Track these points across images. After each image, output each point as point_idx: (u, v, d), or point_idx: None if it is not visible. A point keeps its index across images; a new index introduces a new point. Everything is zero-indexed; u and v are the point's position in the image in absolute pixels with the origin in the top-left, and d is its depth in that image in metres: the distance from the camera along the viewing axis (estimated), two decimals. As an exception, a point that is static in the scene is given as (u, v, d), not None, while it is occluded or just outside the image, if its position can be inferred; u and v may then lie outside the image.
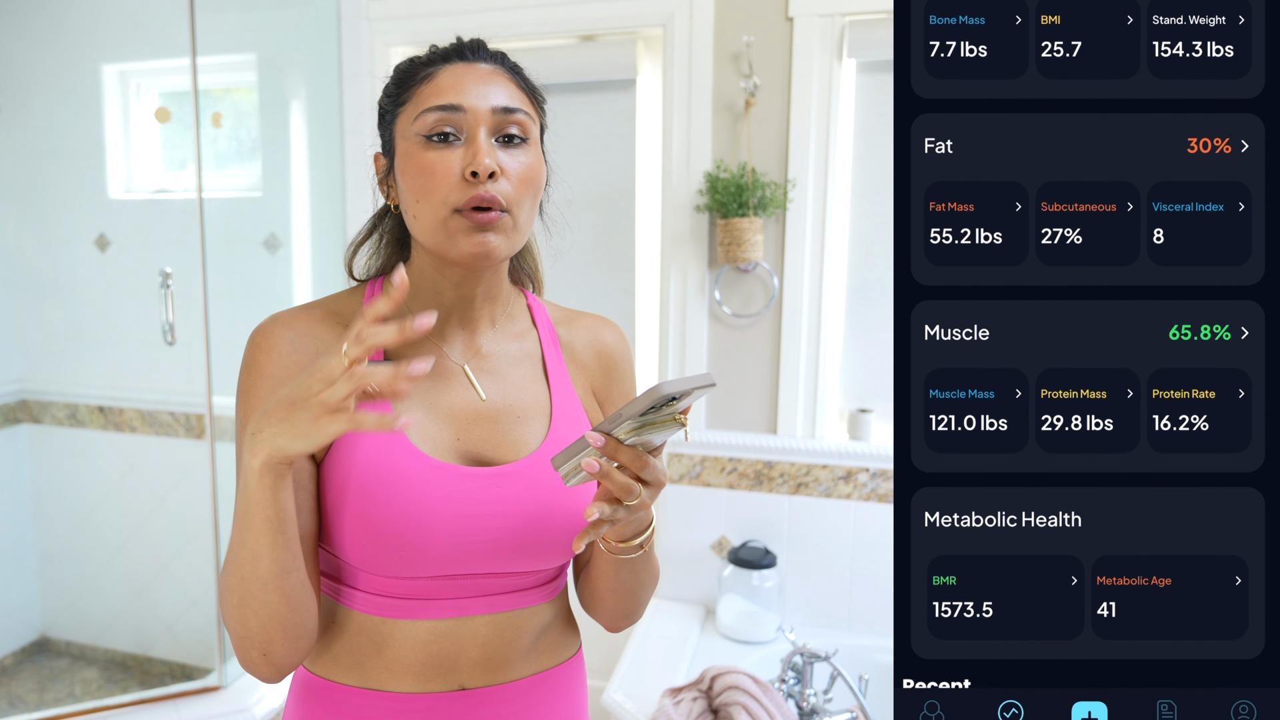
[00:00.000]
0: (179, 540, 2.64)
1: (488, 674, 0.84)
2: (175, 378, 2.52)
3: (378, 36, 2.34)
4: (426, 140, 0.79)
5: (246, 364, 0.82)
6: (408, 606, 0.82)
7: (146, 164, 2.62)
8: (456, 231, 0.78)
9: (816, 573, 2.15)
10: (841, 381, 2.19)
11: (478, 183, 0.77)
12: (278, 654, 0.76)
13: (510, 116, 0.80)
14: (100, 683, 2.68)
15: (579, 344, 0.94)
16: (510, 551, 0.82)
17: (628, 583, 0.87)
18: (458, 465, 0.82)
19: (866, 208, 2.12)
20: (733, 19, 2.08)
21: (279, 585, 0.73)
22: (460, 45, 0.84)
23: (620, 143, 2.25)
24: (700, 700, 1.67)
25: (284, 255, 2.49)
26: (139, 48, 2.54)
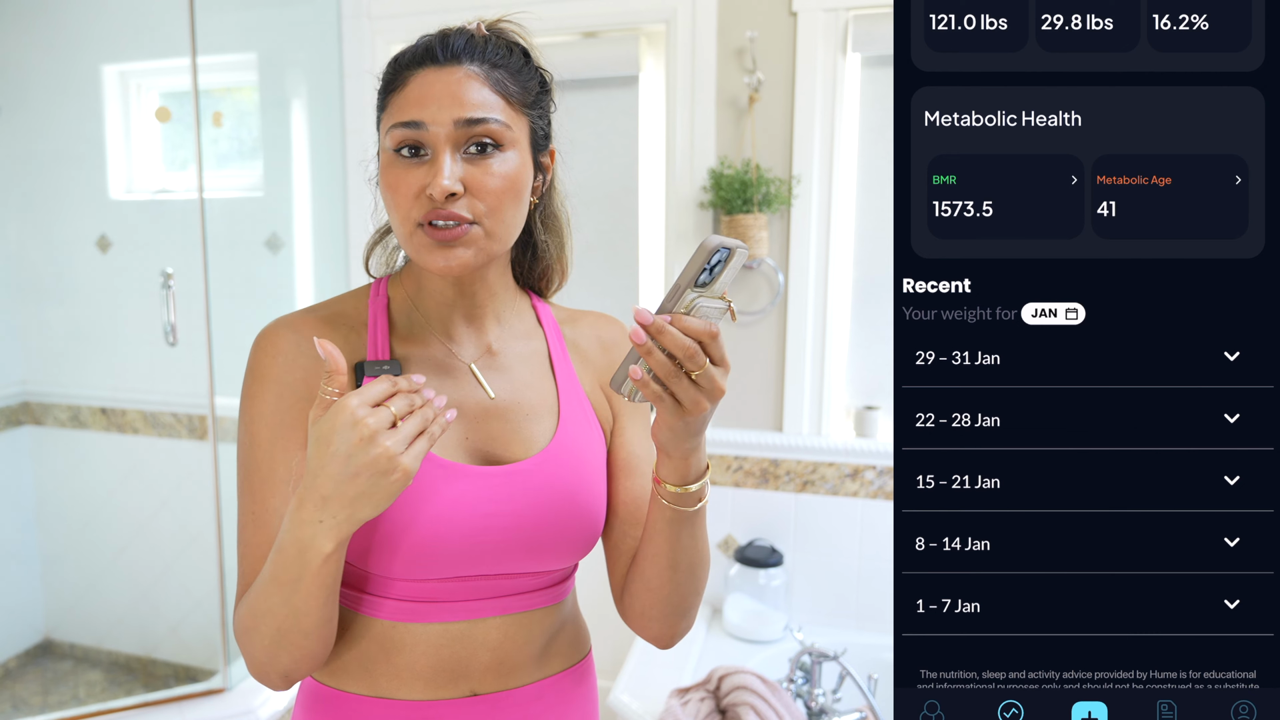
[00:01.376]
0: (182, 542, 2.63)
1: (499, 679, 0.83)
2: (177, 379, 2.51)
3: (379, 35, 2.33)
4: (395, 155, 0.78)
5: (252, 368, 0.81)
6: (418, 610, 0.80)
7: (147, 164, 2.62)
8: (421, 247, 0.77)
9: (823, 571, 2.14)
10: (848, 378, 2.18)
11: (432, 202, 0.76)
12: (301, 673, 0.78)
13: (476, 128, 0.76)
14: (104, 685, 2.67)
15: (583, 341, 0.94)
16: (522, 551, 0.81)
17: (690, 555, 0.82)
18: (468, 465, 0.81)
19: (871, 203, 2.11)
20: (736, 14, 2.07)
21: (321, 634, 0.75)
22: (434, 44, 0.80)
23: (624, 139, 2.24)
24: (708, 701, 1.66)
25: (286, 255, 2.48)
26: (139, 48, 2.53)
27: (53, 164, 2.61)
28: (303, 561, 0.70)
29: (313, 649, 0.76)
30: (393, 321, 0.86)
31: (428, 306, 0.86)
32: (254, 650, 0.76)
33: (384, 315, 0.85)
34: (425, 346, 0.85)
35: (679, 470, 0.77)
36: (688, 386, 0.68)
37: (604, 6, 2.15)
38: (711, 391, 0.69)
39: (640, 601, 0.87)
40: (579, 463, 0.85)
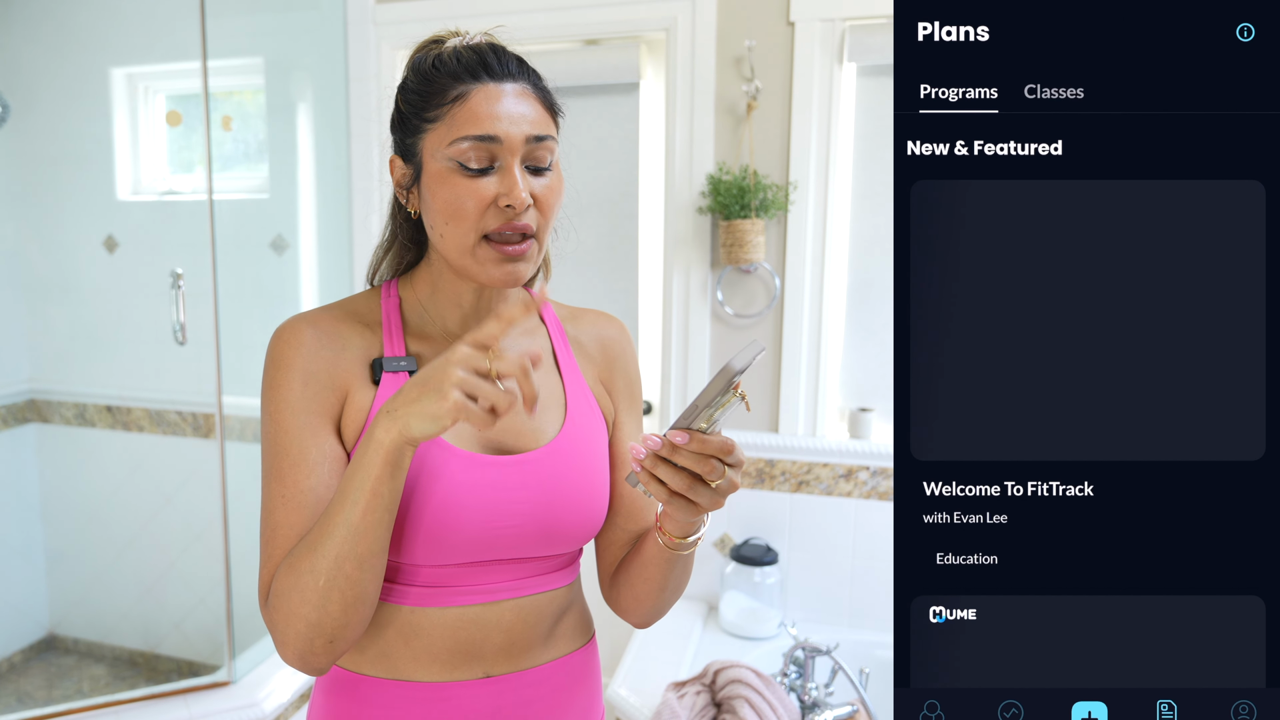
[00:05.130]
0: (187, 538, 2.66)
1: (511, 660, 0.87)
2: (183, 378, 2.55)
3: (384, 40, 2.36)
4: (461, 167, 0.80)
5: (274, 359, 0.84)
6: (435, 594, 0.84)
7: (154, 166, 2.65)
8: (486, 260, 0.81)
9: (818, 569, 2.18)
10: (842, 381, 2.22)
11: (511, 213, 0.80)
12: (345, 639, 0.77)
13: (541, 145, 0.82)
14: (108, 679, 2.70)
15: (585, 338, 0.98)
16: (534, 536, 0.85)
17: (678, 579, 0.90)
18: (482, 454, 0.85)
19: (867, 209, 2.15)
20: (735, 23, 2.11)
21: (374, 564, 0.76)
22: (485, 58, 0.83)
23: (623, 145, 2.27)
24: (704, 694, 1.70)
25: (291, 256, 2.51)
26: (147, 51, 2.56)
27: (61, 165, 2.65)
28: (364, 467, 0.73)
29: (365, 588, 0.75)
30: (405, 321, 0.90)
31: (442, 309, 0.90)
32: (303, 608, 0.75)
33: (397, 314, 0.89)
34: (437, 345, 0.89)
35: (684, 529, 0.83)
36: (706, 492, 0.74)
37: (605, 15, 2.19)
38: (730, 490, 0.74)
39: (624, 602, 0.96)
40: (586, 452, 0.90)
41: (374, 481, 0.73)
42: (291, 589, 0.76)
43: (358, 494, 0.74)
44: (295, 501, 0.80)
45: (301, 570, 0.75)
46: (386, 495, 0.74)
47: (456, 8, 2.28)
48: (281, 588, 0.77)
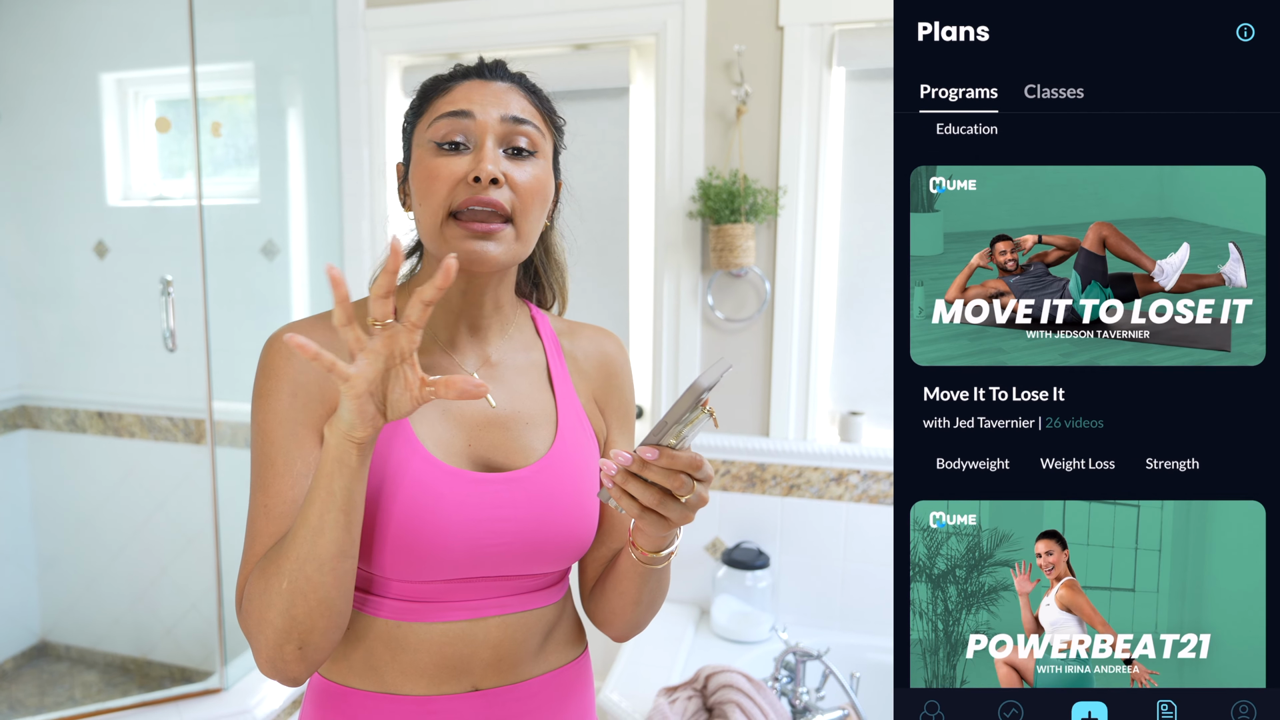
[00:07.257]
0: (178, 544, 2.66)
1: (500, 674, 0.87)
2: (174, 383, 2.54)
3: (374, 45, 2.36)
4: (437, 147, 0.83)
5: (265, 368, 0.84)
6: (422, 610, 0.84)
7: (144, 171, 2.65)
8: (452, 238, 0.81)
9: (809, 573, 2.18)
10: (832, 384, 2.22)
11: (479, 188, 0.80)
12: (315, 646, 0.76)
13: (519, 127, 0.84)
14: (100, 686, 2.69)
15: (581, 354, 0.97)
16: (522, 554, 0.85)
17: (652, 594, 0.90)
18: (470, 470, 0.85)
19: (857, 213, 2.15)
20: (724, 28, 2.11)
21: (335, 567, 0.75)
22: (481, 64, 0.88)
23: (614, 150, 2.28)
24: (695, 699, 1.70)
25: (281, 262, 2.51)
26: (137, 56, 2.56)
27: (51, 170, 2.64)
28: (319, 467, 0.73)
29: (328, 592, 0.74)
30: None
31: (434, 317, 0.89)
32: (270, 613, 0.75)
33: None
34: (429, 355, 0.88)
35: (656, 543, 0.83)
36: (675, 507, 0.74)
37: (595, 19, 2.19)
38: (699, 505, 0.75)
39: (602, 615, 0.96)
40: (575, 471, 0.89)
41: (325, 479, 0.73)
42: (260, 593, 0.76)
43: (313, 493, 0.74)
44: (276, 512, 0.80)
45: (269, 574, 0.75)
46: (339, 494, 0.73)
47: (446, 13, 2.28)
48: (252, 592, 0.77)
